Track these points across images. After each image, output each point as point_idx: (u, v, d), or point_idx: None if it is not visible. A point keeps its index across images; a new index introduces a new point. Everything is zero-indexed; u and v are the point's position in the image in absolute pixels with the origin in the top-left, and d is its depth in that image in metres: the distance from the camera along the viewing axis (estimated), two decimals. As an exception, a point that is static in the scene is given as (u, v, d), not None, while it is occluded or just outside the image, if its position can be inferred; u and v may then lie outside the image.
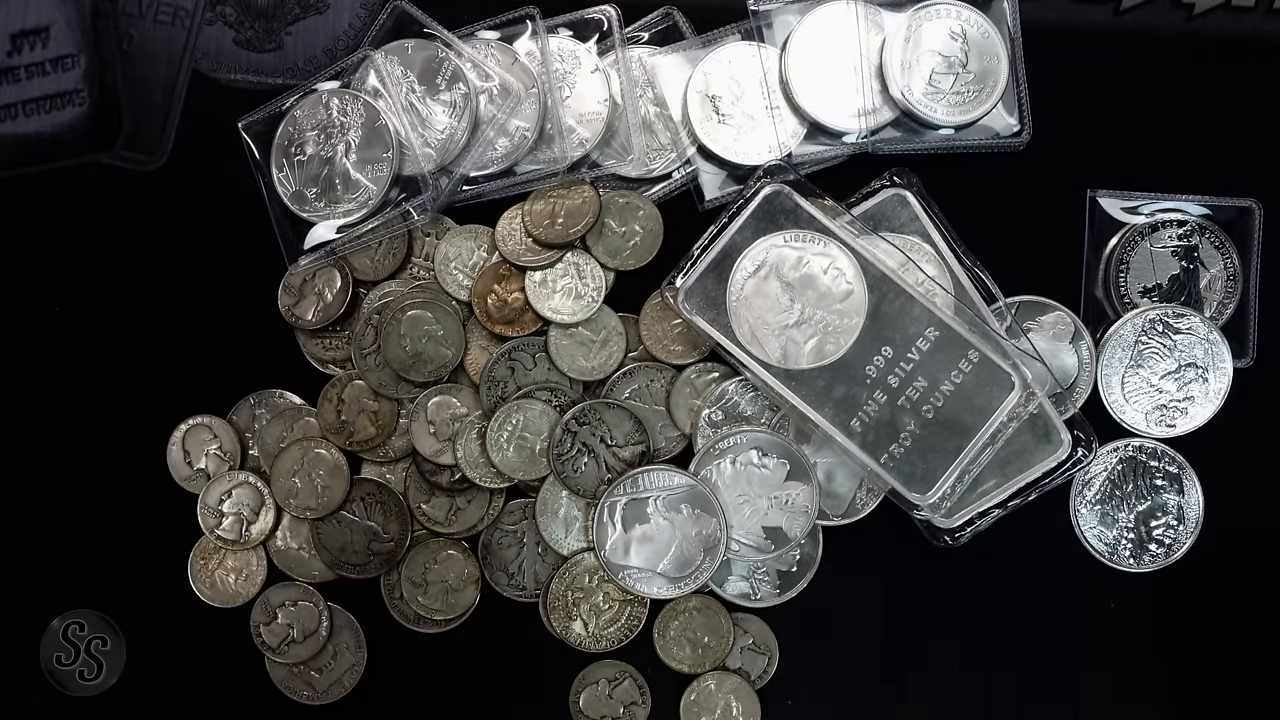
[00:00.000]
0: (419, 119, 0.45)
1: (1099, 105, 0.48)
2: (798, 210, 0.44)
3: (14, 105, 0.47)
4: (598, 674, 0.47)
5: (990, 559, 0.47)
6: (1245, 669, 0.47)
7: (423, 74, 0.45)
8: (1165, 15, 0.48)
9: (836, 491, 0.46)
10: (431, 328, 0.46)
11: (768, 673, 0.47)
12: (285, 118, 0.46)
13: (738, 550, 0.45)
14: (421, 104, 0.45)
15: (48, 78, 0.47)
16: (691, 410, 0.46)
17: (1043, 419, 0.44)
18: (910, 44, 0.46)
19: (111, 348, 0.48)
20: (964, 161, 0.47)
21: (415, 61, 0.45)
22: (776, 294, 0.44)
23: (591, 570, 0.46)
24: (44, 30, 0.47)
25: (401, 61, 0.45)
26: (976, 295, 0.45)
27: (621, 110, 0.46)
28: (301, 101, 0.46)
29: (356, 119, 0.45)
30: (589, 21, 0.47)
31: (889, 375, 0.43)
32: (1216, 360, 0.46)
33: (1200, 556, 0.47)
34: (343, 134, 0.45)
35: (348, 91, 0.46)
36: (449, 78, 0.45)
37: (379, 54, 0.45)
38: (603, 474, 0.46)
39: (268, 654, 0.46)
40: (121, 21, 0.48)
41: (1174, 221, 0.47)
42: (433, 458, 0.46)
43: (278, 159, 0.46)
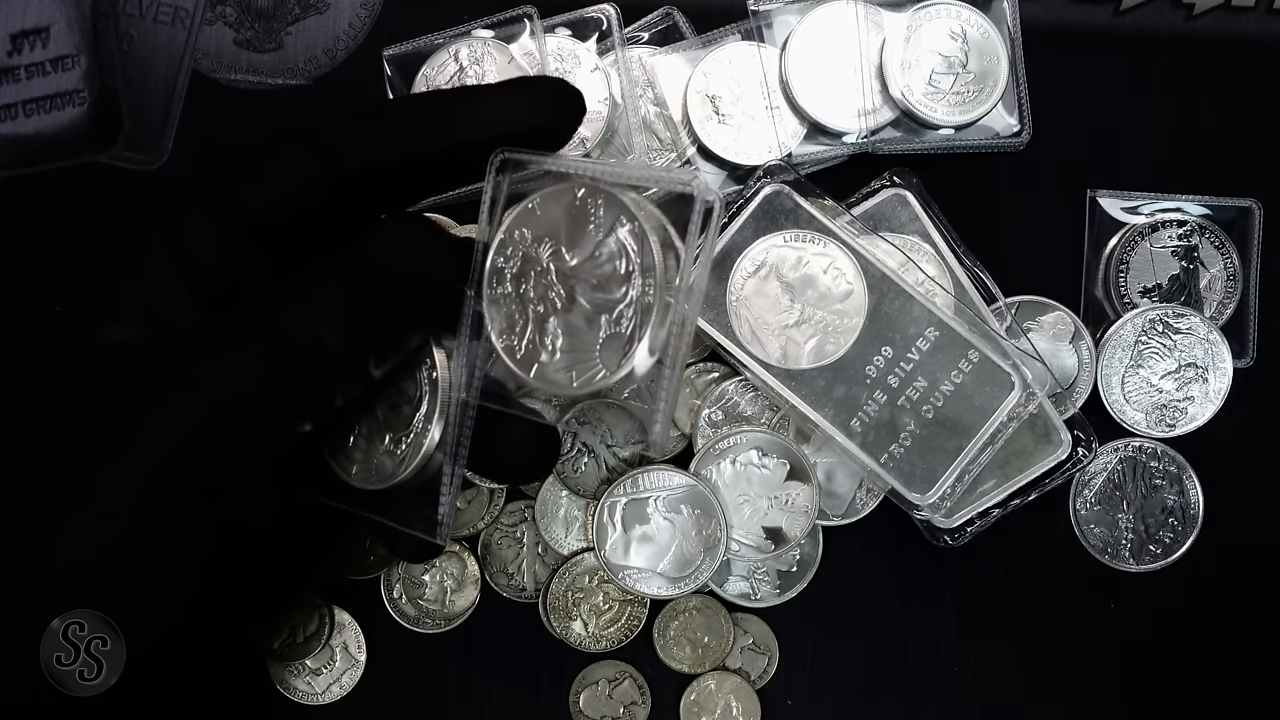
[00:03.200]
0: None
1: (1099, 105, 0.48)
2: (798, 210, 0.44)
3: (14, 105, 0.47)
4: (598, 674, 0.47)
5: (990, 559, 0.47)
6: (1246, 669, 0.47)
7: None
8: (1165, 15, 0.48)
9: (836, 491, 0.46)
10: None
11: (768, 673, 0.47)
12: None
13: (738, 550, 0.45)
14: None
15: (48, 78, 0.47)
16: (691, 410, 0.46)
17: (1043, 419, 0.44)
18: (910, 44, 0.46)
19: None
20: (964, 161, 0.47)
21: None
22: (776, 294, 0.44)
23: (591, 570, 0.46)
24: (44, 30, 0.47)
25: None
26: (976, 295, 0.45)
27: (621, 110, 0.46)
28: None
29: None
30: (588, 21, 0.46)
31: (889, 375, 0.43)
32: (1216, 360, 0.47)
33: (1200, 556, 0.47)
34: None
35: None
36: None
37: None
38: (603, 474, 0.46)
39: (268, 654, 0.46)
40: (121, 21, 0.48)
41: (1174, 221, 0.47)
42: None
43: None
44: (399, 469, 0.34)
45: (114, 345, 0.32)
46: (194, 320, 0.33)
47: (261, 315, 0.32)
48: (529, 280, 0.34)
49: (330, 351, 0.31)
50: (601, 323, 0.33)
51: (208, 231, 0.33)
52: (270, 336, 0.31)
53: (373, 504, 0.36)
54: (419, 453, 0.34)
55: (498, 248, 0.34)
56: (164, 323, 0.33)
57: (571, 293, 0.33)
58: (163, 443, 0.30)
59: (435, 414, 0.34)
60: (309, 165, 0.33)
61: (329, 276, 0.32)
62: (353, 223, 0.34)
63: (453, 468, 0.34)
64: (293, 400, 0.32)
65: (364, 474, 0.35)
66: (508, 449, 0.37)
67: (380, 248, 0.33)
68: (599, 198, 0.33)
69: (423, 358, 0.35)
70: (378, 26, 0.48)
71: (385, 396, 0.35)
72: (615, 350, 0.33)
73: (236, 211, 0.33)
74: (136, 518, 0.30)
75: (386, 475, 0.35)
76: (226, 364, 0.31)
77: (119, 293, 0.33)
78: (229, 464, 0.31)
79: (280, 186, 0.33)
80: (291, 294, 0.32)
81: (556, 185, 0.34)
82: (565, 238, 0.33)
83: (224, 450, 0.31)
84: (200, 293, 0.33)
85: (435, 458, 0.34)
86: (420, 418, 0.34)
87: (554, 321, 0.34)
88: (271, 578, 0.37)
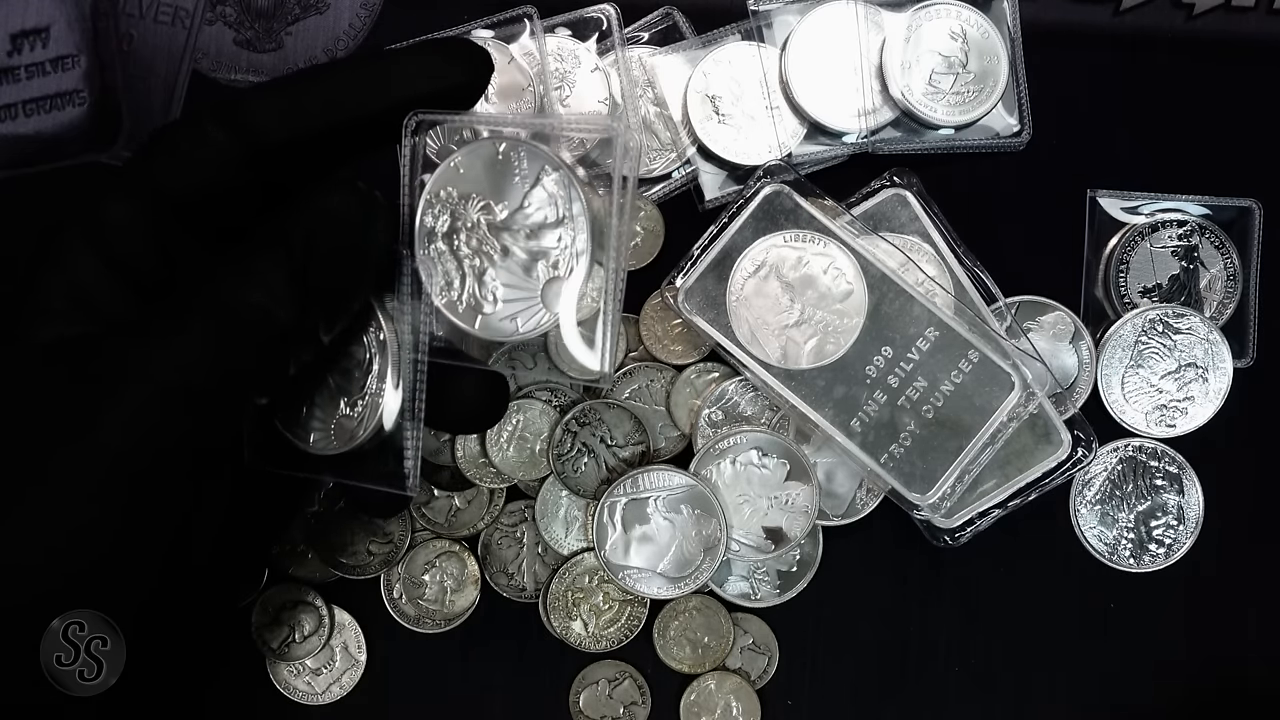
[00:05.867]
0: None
1: (1099, 105, 0.48)
2: (798, 210, 0.44)
3: (14, 105, 0.47)
4: (598, 674, 0.47)
5: (990, 559, 0.47)
6: (1245, 670, 0.47)
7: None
8: (1165, 15, 0.48)
9: (836, 491, 0.46)
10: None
11: (768, 673, 0.47)
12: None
13: (738, 550, 0.45)
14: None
15: (48, 78, 0.47)
16: (691, 410, 0.46)
17: (1043, 419, 0.44)
18: (910, 44, 0.46)
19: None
20: (964, 161, 0.47)
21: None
22: (776, 294, 0.44)
23: (591, 570, 0.46)
24: (44, 30, 0.47)
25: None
26: (976, 295, 0.45)
27: (621, 110, 0.46)
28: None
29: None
30: (588, 21, 0.47)
31: (889, 375, 0.43)
32: (1216, 360, 0.47)
33: (1200, 556, 0.47)
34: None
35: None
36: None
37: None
38: (603, 474, 0.46)
39: (268, 654, 0.46)
40: (121, 21, 0.48)
41: (1174, 221, 0.47)
42: (432, 458, 0.46)
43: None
44: (358, 430, 0.35)
45: (48, 343, 0.32)
46: (126, 308, 0.32)
47: (205, 294, 0.32)
48: (460, 236, 0.35)
49: (279, 323, 0.31)
50: (539, 269, 0.35)
51: (129, 216, 0.33)
52: (218, 314, 0.31)
53: (336, 467, 0.36)
54: (376, 413, 0.35)
55: (424, 208, 0.35)
56: (94, 313, 0.32)
57: (505, 244, 0.35)
58: (123, 430, 0.30)
59: (387, 374, 0.35)
60: (226, 141, 0.33)
61: (269, 249, 0.32)
62: (276, 196, 0.34)
63: (413, 421, 0.35)
64: (246, 375, 0.32)
65: (323, 440, 0.36)
66: (457, 401, 0.37)
67: (317, 216, 0.33)
68: (520, 150, 0.34)
69: (368, 321, 0.35)
70: (378, 26, 0.48)
71: (335, 364, 0.36)
72: (556, 293, 0.35)
73: (158, 193, 0.33)
74: (100, 504, 0.30)
75: (346, 438, 0.35)
76: (175, 346, 0.31)
77: (42, 287, 0.32)
78: (190, 444, 0.31)
79: (199, 165, 0.33)
80: (234, 270, 0.32)
81: (476, 142, 0.35)
82: (491, 191, 0.35)
83: (183, 432, 0.31)
84: (130, 279, 0.33)
85: (393, 416, 0.35)
86: (373, 379, 0.35)
87: (491, 274, 0.35)
88: (237, 550, 0.37)
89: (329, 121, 0.33)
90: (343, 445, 0.35)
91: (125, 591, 0.32)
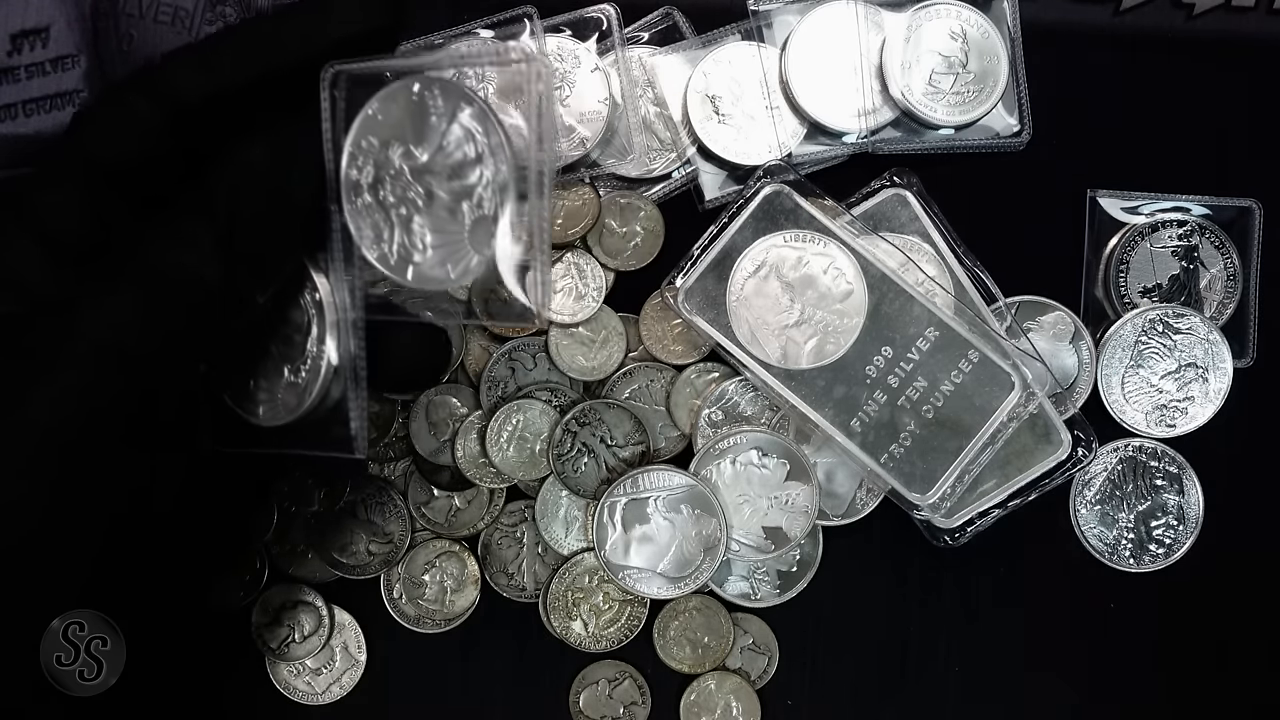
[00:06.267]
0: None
1: (1099, 105, 0.48)
2: (798, 210, 0.44)
3: (14, 105, 0.47)
4: (598, 674, 0.47)
5: (990, 559, 0.47)
6: (1245, 670, 0.47)
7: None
8: (1165, 15, 0.48)
9: (836, 491, 0.46)
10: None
11: (768, 673, 0.47)
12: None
13: (738, 550, 0.45)
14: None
15: (48, 78, 0.47)
16: (691, 410, 0.46)
17: (1043, 419, 0.44)
18: (910, 44, 0.46)
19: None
20: (964, 161, 0.47)
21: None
22: (776, 294, 0.44)
23: (591, 570, 0.46)
24: (44, 30, 0.47)
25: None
26: (976, 295, 0.45)
27: (621, 110, 0.46)
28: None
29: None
30: (588, 20, 0.46)
31: (889, 375, 0.43)
32: (1216, 360, 0.47)
33: (1200, 556, 0.47)
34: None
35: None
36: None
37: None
38: (603, 474, 0.46)
39: (268, 654, 0.46)
40: (121, 21, 0.48)
41: (1174, 221, 0.47)
42: (432, 458, 0.46)
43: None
44: (304, 397, 0.35)
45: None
46: (61, 286, 0.32)
47: (134, 258, 0.32)
48: (385, 186, 0.34)
49: (209, 284, 0.31)
50: (464, 210, 0.34)
51: (60, 194, 0.33)
52: (146, 278, 0.31)
53: (286, 439, 0.36)
54: (319, 375, 0.34)
55: (349, 160, 0.34)
56: (28, 292, 0.32)
57: (429, 188, 0.34)
58: (52, 402, 0.30)
59: (327, 334, 0.34)
60: (149, 109, 0.33)
61: (194, 209, 0.32)
62: (202, 159, 0.34)
63: (356, 381, 0.35)
64: (178, 337, 0.32)
65: (271, 412, 0.35)
66: (395, 357, 0.37)
67: (238, 172, 0.33)
68: (435, 88, 0.33)
69: (304, 283, 0.35)
70: (378, 26, 0.48)
71: (275, 331, 0.35)
72: (484, 233, 0.33)
73: (88, 165, 0.33)
74: (29, 480, 0.30)
75: (293, 407, 0.35)
76: (106, 308, 0.31)
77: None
78: (123, 409, 0.31)
79: (124, 136, 0.33)
80: (160, 233, 0.32)
81: (390, 86, 0.34)
82: (412, 135, 0.34)
83: (114, 395, 0.31)
84: (65, 255, 0.33)
85: (337, 378, 0.35)
86: (313, 341, 0.35)
87: (419, 220, 0.34)
88: (214, 533, 0.37)
89: (245, 76, 0.33)
90: (291, 414, 0.35)
91: (62, 568, 0.31)
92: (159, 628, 0.38)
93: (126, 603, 0.35)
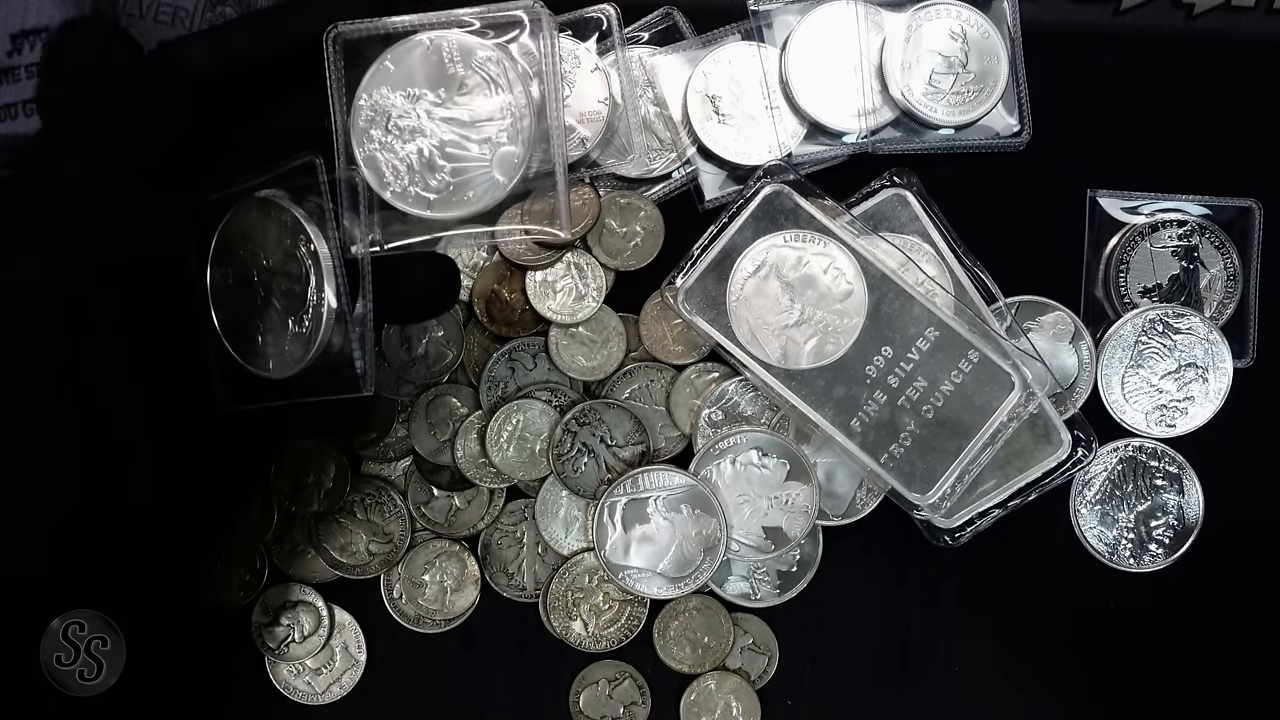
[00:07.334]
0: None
1: (1099, 105, 0.48)
2: (798, 210, 0.44)
3: (14, 105, 0.47)
4: (598, 674, 0.47)
5: (990, 559, 0.47)
6: (1245, 670, 0.47)
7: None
8: (1165, 15, 0.48)
9: (836, 491, 0.46)
10: (431, 328, 0.46)
11: (768, 673, 0.47)
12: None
13: (738, 550, 0.45)
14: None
15: (48, 78, 0.47)
16: (691, 410, 0.46)
17: (1043, 419, 0.44)
18: (910, 44, 0.46)
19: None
20: (964, 161, 0.47)
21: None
22: (776, 294, 0.44)
23: (591, 570, 0.46)
24: (44, 30, 0.47)
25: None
26: (976, 295, 0.45)
27: (621, 110, 0.46)
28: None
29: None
30: (588, 21, 0.46)
31: (889, 375, 0.43)
32: (1216, 360, 0.47)
33: (1200, 556, 0.47)
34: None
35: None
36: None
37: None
38: (603, 474, 0.46)
39: (268, 654, 0.46)
40: (121, 21, 0.48)
41: (1174, 221, 0.47)
42: (432, 458, 0.46)
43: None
44: (309, 345, 0.36)
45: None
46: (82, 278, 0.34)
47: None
48: (400, 129, 0.38)
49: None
50: (488, 144, 0.38)
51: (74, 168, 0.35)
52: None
53: (298, 390, 0.38)
54: (321, 322, 0.36)
55: (359, 110, 0.37)
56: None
57: (451, 127, 0.37)
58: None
59: (325, 281, 0.36)
60: (164, 80, 0.35)
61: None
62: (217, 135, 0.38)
63: (356, 320, 0.36)
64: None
65: (280, 364, 0.37)
66: (406, 286, 0.39)
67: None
68: (450, 41, 0.37)
69: (298, 236, 0.36)
70: (378, 26, 0.48)
71: (278, 288, 0.37)
72: (508, 164, 0.38)
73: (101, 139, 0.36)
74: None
75: (300, 356, 0.37)
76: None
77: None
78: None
79: (137, 107, 0.35)
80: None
81: (403, 41, 0.37)
82: (427, 82, 0.37)
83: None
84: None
85: (340, 324, 0.36)
86: (313, 290, 0.36)
87: (438, 158, 0.38)
88: (220, 480, 0.39)
89: (255, 53, 0.36)
90: (298, 365, 0.37)
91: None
92: (159, 628, 0.38)
93: (126, 603, 0.35)
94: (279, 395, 0.38)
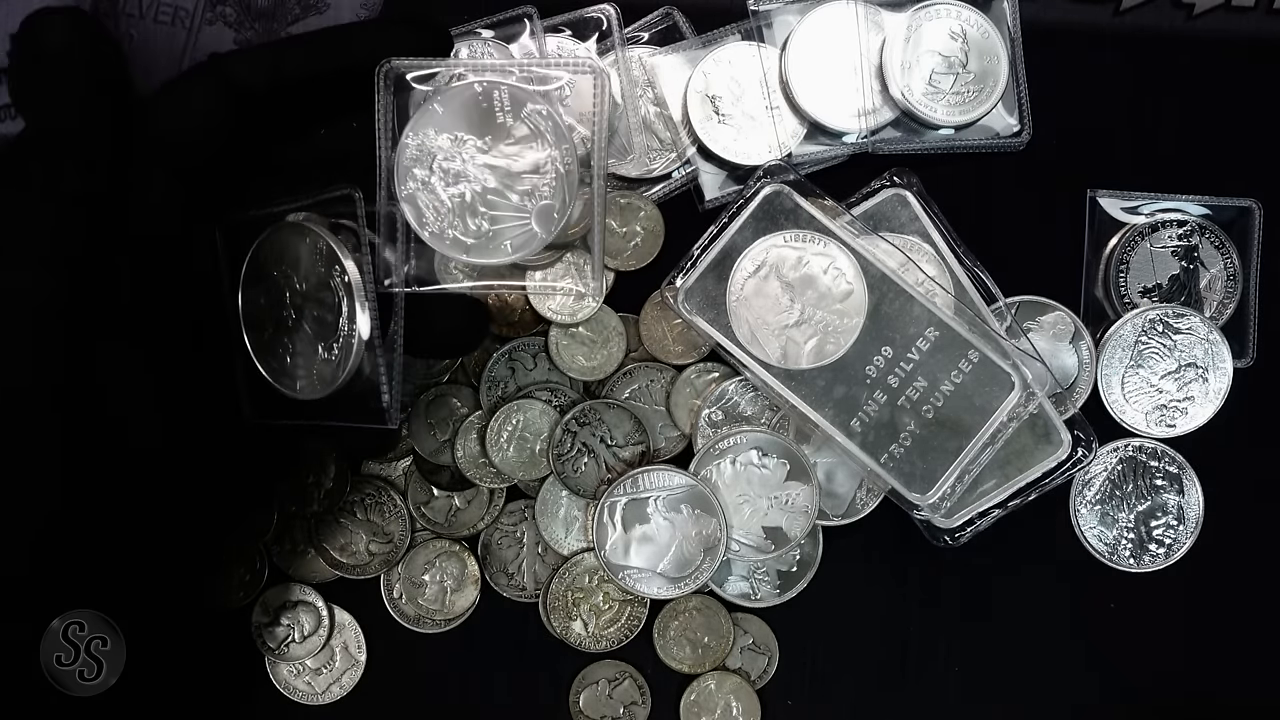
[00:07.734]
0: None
1: (1099, 105, 0.48)
2: (798, 210, 0.44)
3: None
4: (598, 674, 0.47)
5: (990, 559, 0.47)
6: (1245, 670, 0.47)
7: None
8: (1165, 15, 0.48)
9: (836, 491, 0.46)
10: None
11: (768, 673, 0.47)
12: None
13: (738, 550, 0.45)
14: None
15: (48, 78, 0.47)
16: (691, 410, 0.46)
17: (1043, 419, 0.44)
18: (910, 44, 0.46)
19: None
20: (964, 161, 0.47)
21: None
22: (776, 294, 0.44)
23: (591, 570, 0.46)
24: (44, 30, 0.47)
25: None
26: (976, 295, 0.45)
27: (621, 110, 0.46)
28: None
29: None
30: (588, 21, 0.46)
31: (889, 375, 0.43)
32: (1216, 360, 0.47)
33: (1200, 556, 0.47)
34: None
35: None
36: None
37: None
38: (603, 474, 0.46)
39: (268, 654, 0.46)
40: (121, 21, 0.48)
41: (1174, 221, 0.47)
42: (432, 458, 0.46)
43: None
44: (338, 372, 0.37)
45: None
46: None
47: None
48: (443, 171, 0.37)
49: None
50: (530, 196, 0.37)
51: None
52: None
53: (322, 412, 0.38)
54: (351, 352, 0.36)
55: (403, 149, 0.37)
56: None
57: (494, 175, 0.37)
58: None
59: (357, 312, 0.36)
60: (213, 92, 0.36)
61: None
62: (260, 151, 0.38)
63: (387, 354, 0.37)
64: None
65: (308, 386, 0.38)
66: (438, 324, 0.39)
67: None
68: (501, 90, 0.37)
69: (332, 266, 0.37)
70: (378, 26, 0.48)
71: (310, 313, 0.37)
72: (547, 218, 0.37)
73: (154, 149, 0.36)
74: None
75: (328, 380, 0.37)
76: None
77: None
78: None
79: (189, 119, 0.36)
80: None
81: (454, 86, 0.37)
82: (474, 128, 0.37)
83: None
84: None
85: (370, 354, 0.37)
86: (344, 320, 0.37)
87: (479, 204, 0.37)
88: (233, 495, 0.40)
89: (305, 71, 0.36)
90: (326, 389, 0.37)
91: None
92: (159, 628, 0.38)
93: (126, 603, 0.35)
94: (304, 416, 0.38)
